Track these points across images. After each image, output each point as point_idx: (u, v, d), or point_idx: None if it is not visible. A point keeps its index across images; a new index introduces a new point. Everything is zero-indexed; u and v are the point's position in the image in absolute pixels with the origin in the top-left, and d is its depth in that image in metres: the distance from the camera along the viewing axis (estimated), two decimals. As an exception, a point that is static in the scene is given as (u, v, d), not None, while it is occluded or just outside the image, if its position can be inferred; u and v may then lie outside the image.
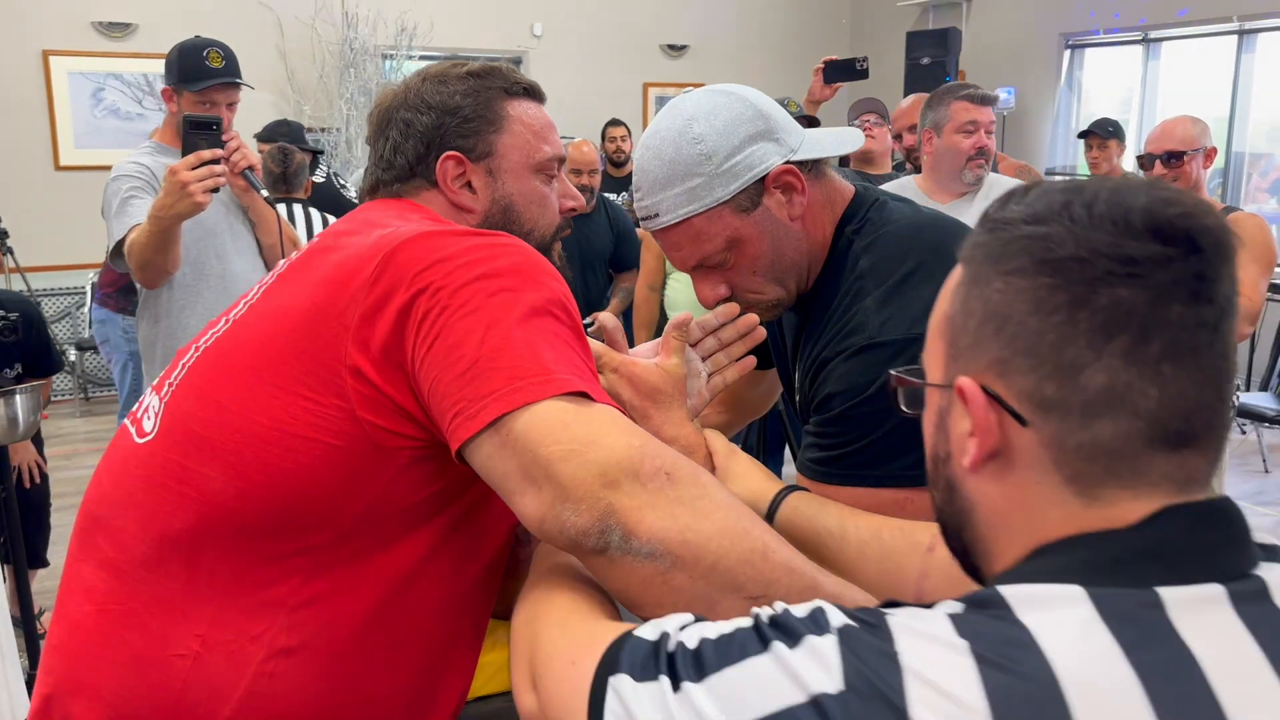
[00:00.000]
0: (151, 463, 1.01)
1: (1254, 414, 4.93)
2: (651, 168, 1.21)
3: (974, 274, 0.68)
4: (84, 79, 6.72)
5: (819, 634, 0.61)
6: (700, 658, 0.64)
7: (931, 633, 0.59)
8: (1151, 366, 0.61)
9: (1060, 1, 7.46)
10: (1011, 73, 7.80)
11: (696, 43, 8.55)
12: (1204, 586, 0.61)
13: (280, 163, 3.92)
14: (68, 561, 1.07)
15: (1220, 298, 0.62)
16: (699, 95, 1.23)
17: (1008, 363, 0.65)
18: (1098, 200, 0.63)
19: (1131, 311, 0.61)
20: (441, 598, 1.04)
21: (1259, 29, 6.46)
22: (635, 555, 0.82)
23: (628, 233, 4.30)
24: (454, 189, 1.17)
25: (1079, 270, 0.62)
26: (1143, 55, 7.16)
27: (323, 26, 7.14)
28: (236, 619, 0.96)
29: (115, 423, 6.28)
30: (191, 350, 1.07)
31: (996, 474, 0.67)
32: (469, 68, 1.20)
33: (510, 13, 7.79)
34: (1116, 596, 0.59)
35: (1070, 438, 0.63)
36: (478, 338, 0.89)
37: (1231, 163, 6.74)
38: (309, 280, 1.00)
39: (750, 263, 1.23)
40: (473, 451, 0.89)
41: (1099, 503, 0.64)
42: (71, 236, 6.58)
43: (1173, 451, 0.63)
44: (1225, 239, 0.63)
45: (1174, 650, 0.58)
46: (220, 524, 0.96)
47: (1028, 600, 0.60)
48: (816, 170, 1.25)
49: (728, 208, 1.20)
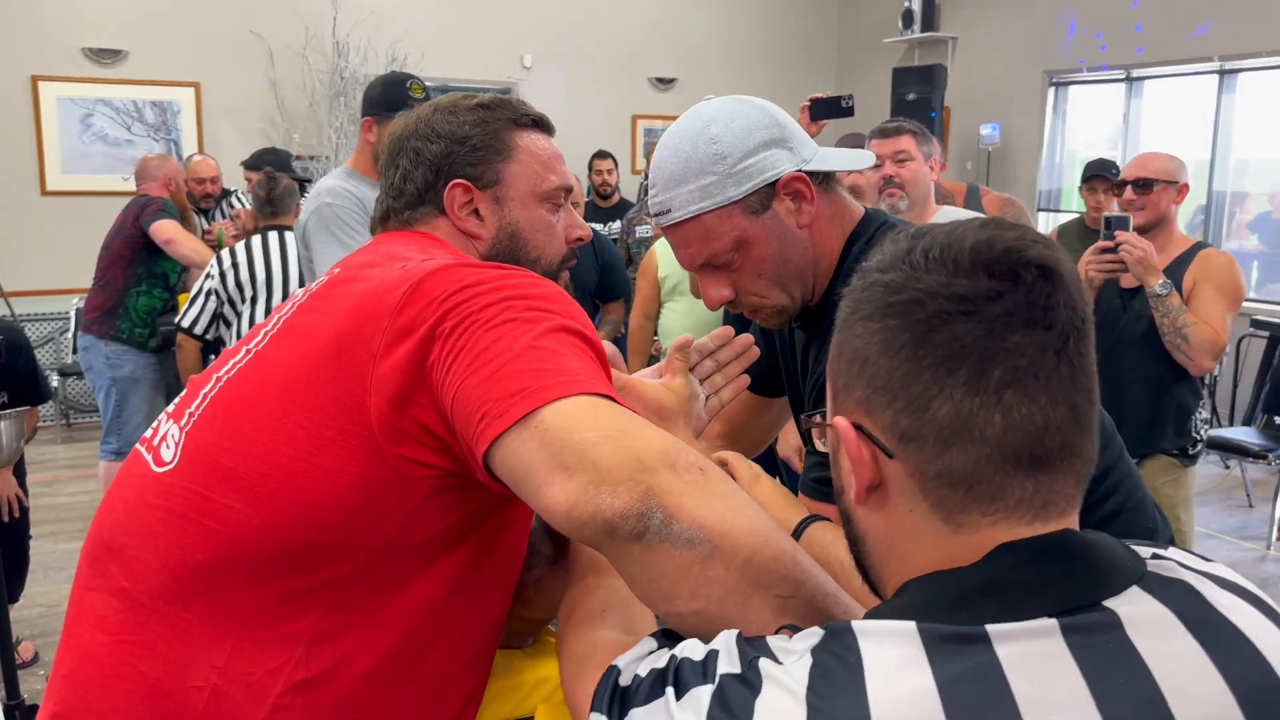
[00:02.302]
0: (172, 493, 0.99)
1: (1237, 449, 4.96)
2: (668, 164, 1.25)
3: (843, 320, 0.73)
4: (73, 104, 6.73)
5: (702, 683, 0.67)
6: (627, 697, 0.73)
7: (786, 683, 0.64)
8: (993, 395, 0.65)
9: (1044, 39, 7.57)
10: (997, 109, 7.89)
11: (685, 76, 8.63)
12: (1035, 621, 0.63)
13: (266, 188, 3.92)
14: (75, 589, 1.05)
15: (1059, 322, 0.66)
16: (719, 101, 1.27)
17: (871, 400, 0.70)
18: (934, 245, 0.68)
19: (968, 345, 0.65)
20: (458, 631, 1.04)
21: (1239, 69, 6.56)
22: (675, 541, 0.79)
23: (614, 264, 4.32)
24: (461, 216, 1.18)
25: (918, 310, 0.67)
26: (1125, 93, 7.26)
27: (313, 55, 7.18)
28: (255, 652, 0.95)
29: (97, 449, 6.23)
30: (212, 381, 1.06)
31: (878, 505, 0.71)
32: (479, 99, 1.22)
33: (500, 44, 7.85)
34: (944, 633, 0.63)
35: (929, 466, 0.67)
36: (503, 346, 0.90)
37: (1213, 201, 6.81)
38: (332, 311, 1.01)
39: (756, 265, 1.26)
40: (499, 451, 0.87)
41: (963, 529, 0.68)
42: (56, 261, 6.56)
43: (1028, 475, 0.66)
44: (1054, 266, 0.66)
45: (990, 686, 0.60)
46: (242, 556, 0.95)
47: (869, 634, 0.64)
48: (827, 184, 1.29)
49: (738, 208, 1.23)
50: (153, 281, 4.40)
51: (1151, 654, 0.63)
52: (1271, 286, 6.71)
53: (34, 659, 3.56)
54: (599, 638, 0.90)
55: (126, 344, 4.36)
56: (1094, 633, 0.63)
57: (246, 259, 3.79)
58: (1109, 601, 0.65)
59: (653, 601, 0.84)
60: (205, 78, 7.07)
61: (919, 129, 2.96)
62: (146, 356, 4.43)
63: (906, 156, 2.89)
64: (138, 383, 4.42)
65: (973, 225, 0.69)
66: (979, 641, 0.62)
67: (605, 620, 0.93)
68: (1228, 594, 0.70)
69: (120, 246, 4.37)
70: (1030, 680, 0.61)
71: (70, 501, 5.32)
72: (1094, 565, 0.67)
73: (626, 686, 0.73)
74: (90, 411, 6.86)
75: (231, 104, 7.16)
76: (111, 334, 4.34)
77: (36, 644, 3.66)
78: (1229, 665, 0.64)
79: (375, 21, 7.26)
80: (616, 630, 0.91)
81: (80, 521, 4.97)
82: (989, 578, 0.65)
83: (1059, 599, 0.64)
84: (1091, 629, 0.63)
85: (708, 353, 1.28)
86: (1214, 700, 0.63)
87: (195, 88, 7.05)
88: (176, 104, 7.02)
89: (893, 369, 0.68)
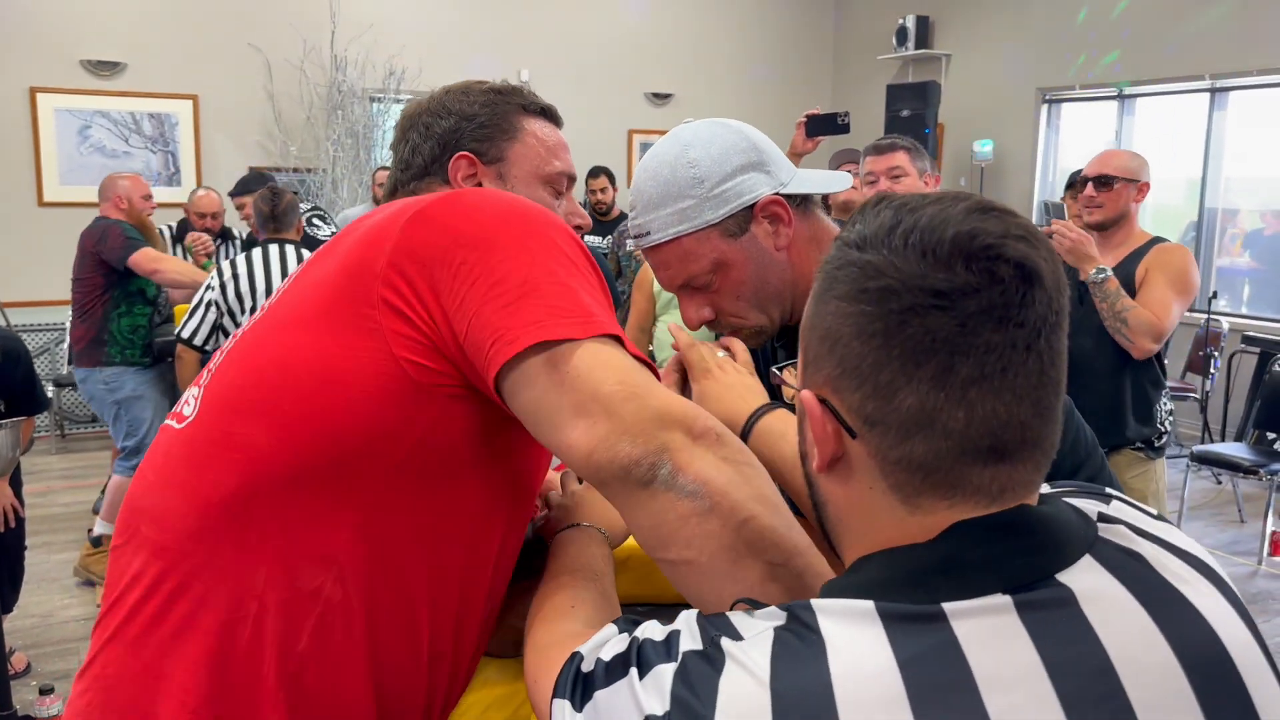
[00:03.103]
0: (194, 439, 1.01)
1: (1229, 464, 4.98)
2: (647, 188, 1.27)
3: (817, 292, 0.74)
4: (71, 116, 6.75)
5: (666, 661, 0.68)
6: (589, 680, 0.74)
7: (748, 664, 0.65)
8: (959, 391, 0.66)
9: (1037, 57, 7.63)
10: (990, 126, 7.94)
11: (681, 91, 8.68)
12: (990, 598, 0.65)
13: (270, 202, 3.94)
14: (111, 561, 1.06)
15: (1032, 319, 0.66)
16: (698, 125, 1.29)
17: (840, 380, 0.70)
18: (915, 229, 0.68)
19: (939, 340, 0.66)
20: (478, 560, 1.06)
21: (1230, 87, 6.61)
22: (678, 491, 0.84)
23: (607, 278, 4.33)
24: (464, 187, 1.21)
25: (892, 300, 0.67)
26: (1118, 110, 7.31)
27: (311, 69, 7.21)
28: (292, 576, 0.96)
29: (91, 459, 6.24)
30: (229, 341, 1.09)
31: (840, 477, 0.73)
32: (491, 84, 1.27)
33: (497, 59, 7.89)
34: (903, 612, 0.64)
35: (891, 452, 0.69)
36: (519, 277, 0.92)
37: (1205, 217, 6.86)
38: (335, 253, 1.03)
39: (735, 287, 1.28)
40: (513, 378, 0.90)
41: (920, 511, 0.69)
42: (53, 272, 6.56)
43: (986, 465, 0.68)
44: (1032, 264, 0.67)
45: (949, 664, 0.62)
46: (268, 480, 0.96)
47: (829, 612, 0.66)
48: (805, 207, 1.31)
49: (716, 231, 1.25)
50: (131, 300, 4.36)
51: (1102, 626, 0.65)
52: (1262, 303, 6.75)
53: (26, 669, 3.55)
54: (564, 629, 0.91)
55: (120, 365, 4.34)
56: (1047, 608, 0.65)
57: (247, 270, 3.81)
58: (1061, 575, 0.67)
59: (651, 547, 0.88)
60: (203, 90, 7.10)
61: (913, 145, 3.00)
62: (144, 372, 4.41)
63: (901, 172, 2.93)
64: (141, 398, 4.40)
65: (958, 211, 0.69)
66: (937, 620, 0.64)
67: (573, 615, 0.95)
68: (1177, 560, 0.72)
69: (90, 276, 4.32)
70: (987, 656, 0.62)
71: (64, 512, 5.31)
72: (1046, 539, 0.68)
73: (589, 672, 0.74)
74: (85, 422, 6.86)
75: (229, 116, 7.19)
76: (103, 360, 4.31)
77: (29, 655, 3.66)
78: (1176, 635, 0.66)
79: (373, 35, 7.30)
80: (582, 625, 0.92)
81: (74, 532, 4.96)
82: (944, 556, 0.67)
83: (1012, 575, 0.66)
84: (1044, 604, 0.65)
85: None
86: (1162, 669, 0.65)
87: (193, 100, 7.08)
88: (174, 116, 7.05)
89: (863, 354, 0.68)
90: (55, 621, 3.98)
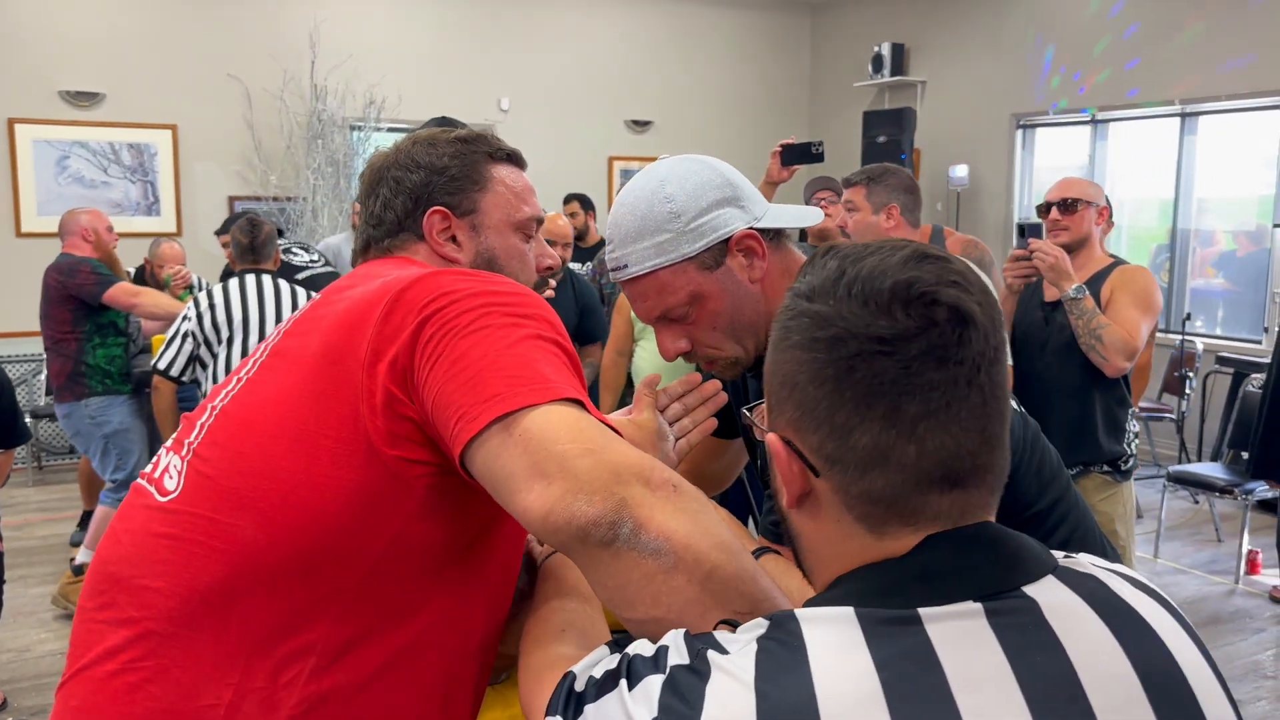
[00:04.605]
0: (178, 520, 1.02)
1: (1205, 484, 5.03)
2: (624, 222, 1.30)
3: (775, 341, 0.79)
4: (49, 147, 6.74)
5: (655, 673, 0.71)
6: (581, 697, 0.76)
7: (733, 670, 0.68)
8: (908, 427, 0.71)
9: (1012, 83, 7.73)
10: (965, 151, 8.04)
11: (660, 119, 8.74)
12: (961, 604, 0.70)
13: (249, 234, 3.93)
14: (79, 621, 1.07)
15: (970, 356, 0.72)
16: (674, 161, 1.32)
17: (800, 422, 0.75)
18: (856, 280, 0.74)
19: (885, 382, 0.71)
20: (463, 634, 1.07)
21: (1199, 112, 6.72)
22: (641, 550, 0.84)
23: (592, 307, 4.35)
24: (440, 241, 1.23)
25: (841, 348, 0.72)
26: (1091, 135, 7.42)
27: (291, 98, 7.23)
28: (268, 665, 0.98)
29: (69, 492, 6.17)
30: (207, 411, 1.10)
31: (809, 512, 0.78)
32: (457, 133, 1.28)
33: (478, 87, 7.93)
34: (881, 616, 0.69)
35: (852, 487, 0.74)
36: (479, 353, 0.94)
37: (1177, 239, 6.95)
38: (317, 330, 1.05)
39: (710, 319, 1.31)
40: (476, 453, 0.91)
41: (886, 537, 0.74)
42: (31, 303, 6.44)
43: (943, 493, 0.73)
44: (965, 307, 0.72)
45: (923, 665, 0.67)
46: (250, 573, 0.98)
47: (810, 619, 0.70)
48: (778, 241, 1.34)
49: (692, 264, 1.28)
50: (104, 333, 4.34)
51: (1066, 636, 0.70)
52: (1236, 324, 6.84)
53: (3, 705, 3.51)
54: (557, 652, 0.93)
55: (104, 395, 4.32)
56: (1014, 615, 0.70)
57: (224, 300, 3.80)
58: (1028, 588, 0.72)
59: (616, 607, 0.87)
60: (182, 120, 7.11)
61: (873, 178, 3.13)
62: (129, 402, 4.40)
63: (853, 207, 3.12)
64: (128, 431, 4.38)
65: (896, 260, 0.74)
66: (912, 623, 0.68)
67: (564, 639, 0.97)
68: (1131, 588, 0.77)
69: (58, 313, 4.30)
70: (958, 658, 0.67)
71: (42, 545, 5.26)
72: (1012, 554, 0.74)
73: (581, 691, 0.77)
74: (62, 454, 6.80)
75: (209, 146, 7.19)
76: (85, 392, 4.29)
77: (5, 690, 3.61)
78: (1134, 649, 0.71)
79: (353, 65, 7.33)
80: (575, 648, 0.94)
81: (52, 565, 4.91)
82: (919, 565, 0.72)
83: (982, 584, 0.71)
84: (1012, 612, 0.70)
85: (675, 397, 1.32)
86: (1121, 679, 0.69)
87: (172, 130, 7.09)
88: (154, 146, 7.05)
89: (819, 398, 0.73)
90: (32, 656, 3.94)
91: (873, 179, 3.10)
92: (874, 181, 3.10)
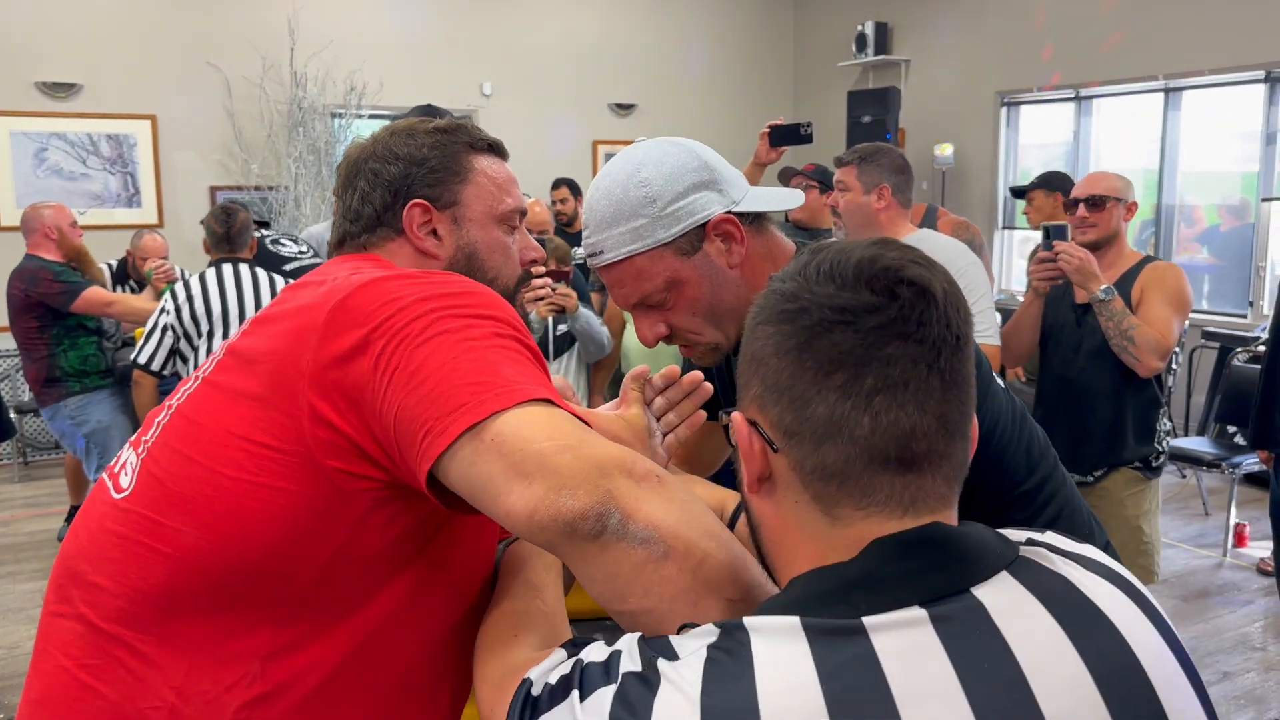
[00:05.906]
0: (128, 519, 1.01)
1: (1192, 458, 5.05)
2: (600, 207, 1.28)
3: (750, 324, 0.80)
4: (27, 139, 6.67)
5: (606, 684, 0.72)
6: (537, 704, 0.77)
7: (680, 684, 0.68)
8: (864, 399, 0.72)
9: (995, 60, 7.72)
10: (950, 129, 8.02)
11: (644, 101, 8.70)
12: (905, 611, 0.69)
13: (224, 223, 3.88)
14: (44, 614, 1.07)
15: (930, 336, 0.73)
16: (650, 144, 1.30)
17: (764, 397, 0.77)
18: (826, 260, 0.76)
19: (844, 352, 0.72)
20: (413, 644, 1.05)
21: (1183, 87, 6.72)
22: (630, 540, 0.82)
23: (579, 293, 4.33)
24: (420, 236, 1.20)
25: (804, 318, 0.74)
26: (1075, 112, 7.41)
27: (271, 86, 7.17)
28: (210, 670, 0.97)
29: (55, 487, 6.14)
30: (165, 409, 1.08)
31: (769, 495, 0.78)
32: (436, 124, 1.24)
33: (459, 72, 7.88)
34: (826, 626, 0.68)
35: (807, 461, 0.74)
36: (437, 362, 0.90)
37: (1162, 215, 6.96)
38: (268, 334, 1.02)
39: (689, 304, 1.29)
40: (449, 466, 0.88)
41: (840, 522, 0.74)
42: (12, 298, 6.47)
43: (895, 474, 0.73)
44: (927, 285, 0.73)
45: (868, 677, 0.66)
46: (193, 579, 0.97)
47: (758, 629, 0.70)
48: (759, 224, 1.32)
49: (669, 249, 1.26)
50: (74, 335, 4.28)
51: (1015, 638, 0.69)
52: (1221, 299, 6.86)
53: (-8, 703, 3.50)
54: (513, 657, 0.92)
55: (83, 394, 4.28)
56: (961, 620, 0.69)
57: (201, 292, 3.76)
58: (976, 589, 0.71)
59: (608, 601, 0.86)
60: (161, 110, 7.04)
61: (865, 157, 3.05)
62: (111, 397, 4.36)
63: (844, 187, 3.04)
64: (108, 429, 4.34)
65: (863, 243, 0.77)
66: (856, 633, 0.68)
67: (519, 642, 0.96)
68: (1093, 576, 0.76)
69: (25, 321, 4.23)
70: (903, 668, 0.66)
71: (29, 540, 5.23)
72: (960, 554, 0.73)
73: (537, 696, 0.77)
74: (48, 449, 6.76)
75: (189, 136, 7.12)
76: (64, 394, 4.25)
77: (-6, 687, 3.60)
78: (1088, 646, 0.70)
79: (333, 51, 7.27)
80: (529, 649, 0.93)
81: (39, 561, 4.89)
82: (863, 571, 0.71)
83: (927, 589, 0.70)
84: (958, 617, 0.69)
85: (659, 390, 1.30)
86: (1073, 680, 0.68)
87: (151, 120, 7.02)
88: (133, 136, 6.98)
89: (781, 369, 0.74)
90: (20, 654, 3.91)
91: (864, 159, 3.02)
92: (865, 161, 3.01)
